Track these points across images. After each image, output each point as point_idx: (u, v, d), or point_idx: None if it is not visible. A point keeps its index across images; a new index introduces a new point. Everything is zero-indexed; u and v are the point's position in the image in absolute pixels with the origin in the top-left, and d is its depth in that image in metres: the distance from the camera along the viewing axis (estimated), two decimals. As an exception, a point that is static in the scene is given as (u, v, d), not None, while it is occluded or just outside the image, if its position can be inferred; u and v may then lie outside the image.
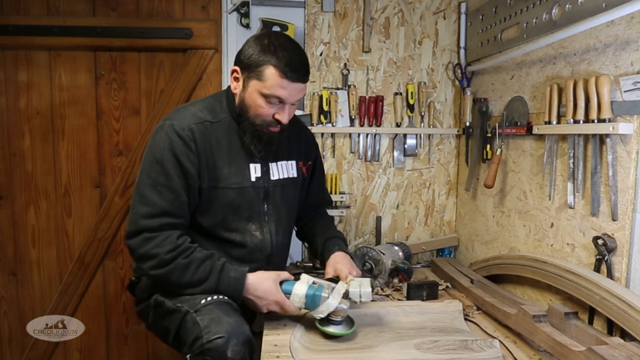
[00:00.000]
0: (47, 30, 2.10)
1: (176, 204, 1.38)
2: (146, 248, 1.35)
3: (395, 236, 2.34)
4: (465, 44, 2.21)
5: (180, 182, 1.38)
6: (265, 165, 1.53)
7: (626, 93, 1.30)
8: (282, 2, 2.17)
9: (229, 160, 1.46)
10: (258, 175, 1.50)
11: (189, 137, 1.39)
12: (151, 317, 1.49)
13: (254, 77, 1.38)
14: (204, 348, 1.23)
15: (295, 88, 1.39)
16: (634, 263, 1.31)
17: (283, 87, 1.36)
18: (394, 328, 1.46)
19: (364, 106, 2.22)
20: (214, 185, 1.44)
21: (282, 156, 1.58)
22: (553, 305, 1.38)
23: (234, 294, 1.36)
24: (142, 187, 1.38)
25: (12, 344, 2.26)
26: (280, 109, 1.41)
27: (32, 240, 2.23)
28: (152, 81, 2.22)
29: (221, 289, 1.35)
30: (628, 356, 1.09)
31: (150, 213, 1.36)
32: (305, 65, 1.42)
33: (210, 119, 1.46)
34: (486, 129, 2.00)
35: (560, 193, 1.58)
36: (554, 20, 1.57)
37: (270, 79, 1.35)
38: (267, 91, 1.37)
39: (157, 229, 1.36)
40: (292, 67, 1.36)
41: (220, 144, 1.45)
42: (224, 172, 1.45)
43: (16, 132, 2.17)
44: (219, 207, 1.46)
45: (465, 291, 1.79)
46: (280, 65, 1.34)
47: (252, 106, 1.41)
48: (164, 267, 1.34)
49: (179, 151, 1.38)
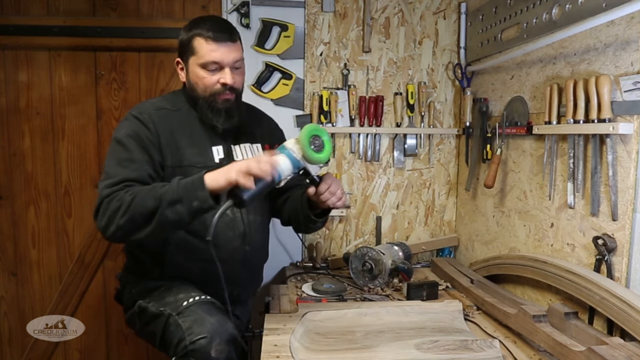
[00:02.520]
0: (47, 30, 2.10)
1: (139, 172, 1.37)
2: (110, 207, 1.27)
3: (395, 236, 2.34)
4: (465, 44, 2.21)
5: (141, 155, 1.39)
6: (227, 148, 1.55)
7: (626, 93, 1.30)
8: (282, 2, 2.17)
9: (192, 143, 1.49)
10: (221, 156, 1.52)
11: (147, 119, 1.44)
12: (138, 324, 1.50)
13: (190, 55, 1.48)
14: (188, 350, 1.23)
15: (226, 49, 1.45)
16: (634, 263, 1.31)
17: (213, 50, 1.44)
18: (394, 328, 1.46)
19: (364, 106, 2.22)
20: (178, 164, 1.45)
21: (245, 139, 1.61)
22: (553, 305, 1.38)
23: (196, 181, 1.23)
24: (107, 168, 1.39)
25: (12, 344, 2.26)
26: (222, 73, 1.47)
27: (32, 240, 2.23)
28: (152, 81, 2.22)
29: (182, 187, 1.24)
30: (628, 356, 1.09)
31: (112, 183, 1.32)
32: (228, 26, 1.52)
33: (170, 108, 1.52)
34: (486, 129, 2.00)
35: (560, 193, 1.58)
36: (554, 20, 1.57)
37: (201, 47, 1.45)
38: (202, 60, 1.45)
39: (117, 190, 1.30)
40: (216, 30, 1.45)
41: (182, 128, 1.50)
42: (187, 152, 1.48)
43: (16, 132, 2.17)
44: None
45: (465, 291, 1.79)
46: (204, 32, 1.45)
47: (197, 82, 1.48)
48: (128, 208, 1.25)
49: (139, 130, 1.42)
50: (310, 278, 2.02)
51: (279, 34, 2.17)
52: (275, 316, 1.48)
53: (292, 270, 2.13)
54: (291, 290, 1.84)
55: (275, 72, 2.18)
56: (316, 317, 1.47)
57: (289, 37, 2.18)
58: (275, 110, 2.16)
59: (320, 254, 2.22)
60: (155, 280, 1.52)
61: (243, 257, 1.55)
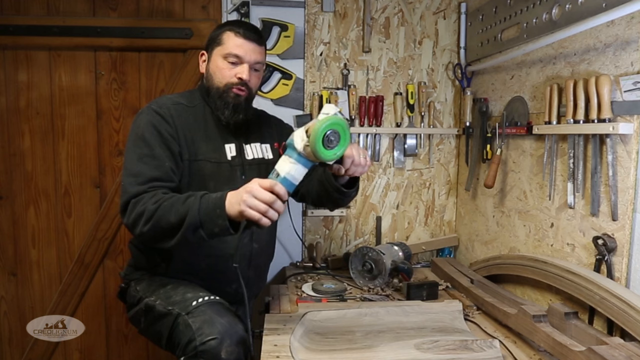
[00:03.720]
0: (47, 30, 2.09)
1: (162, 170, 1.41)
2: (135, 211, 1.32)
3: (395, 236, 2.34)
4: (465, 44, 2.21)
5: (162, 151, 1.42)
6: (240, 146, 1.59)
7: (626, 93, 1.30)
8: (282, 2, 2.17)
9: (206, 138, 1.54)
10: (233, 154, 1.57)
11: (166, 113, 1.48)
12: (143, 322, 1.49)
13: (216, 46, 1.54)
14: (198, 350, 1.23)
15: (251, 47, 1.52)
16: (634, 263, 1.31)
17: (239, 45, 1.51)
18: (394, 328, 1.46)
19: (364, 106, 2.22)
20: (194, 158, 1.50)
21: (255, 139, 1.65)
22: (553, 305, 1.38)
23: (218, 208, 1.25)
24: (129, 164, 1.42)
25: (12, 344, 2.26)
26: (241, 68, 1.52)
27: (32, 240, 2.23)
28: (152, 81, 2.22)
29: (203, 212, 1.25)
30: (628, 356, 1.09)
31: (137, 182, 1.38)
32: (259, 32, 1.60)
33: (186, 104, 1.56)
34: (486, 129, 2.00)
35: (560, 193, 1.58)
36: (554, 20, 1.57)
37: (228, 40, 1.52)
38: (226, 51, 1.51)
39: (144, 192, 1.36)
40: (246, 29, 1.54)
41: (197, 124, 1.54)
42: (202, 146, 1.52)
43: (16, 132, 2.17)
44: (198, 180, 1.49)
45: (465, 291, 1.79)
46: (235, 28, 1.53)
47: (215, 72, 1.54)
48: (152, 218, 1.29)
49: (158, 124, 1.45)
50: (310, 278, 2.02)
51: (279, 34, 2.17)
52: (275, 316, 1.48)
53: (292, 270, 2.12)
54: (291, 290, 1.84)
55: (275, 72, 2.18)
56: (316, 317, 1.47)
57: (289, 37, 2.18)
58: (275, 110, 2.15)
59: (320, 254, 2.22)
60: (161, 276, 1.52)
61: (250, 255, 1.55)
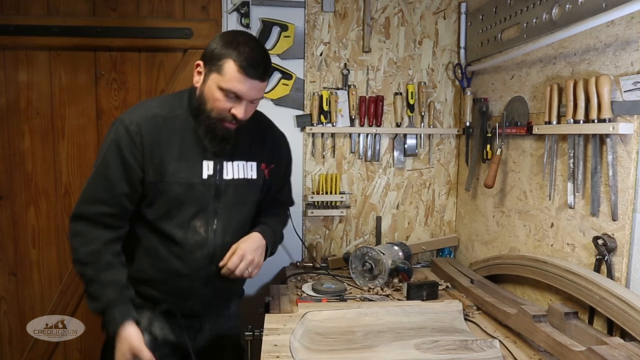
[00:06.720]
0: (47, 30, 2.10)
1: (112, 194, 1.41)
2: (75, 240, 1.42)
3: (395, 236, 2.34)
4: (465, 44, 2.21)
5: (119, 174, 1.41)
6: (219, 164, 1.49)
7: (626, 93, 1.30)
8: (282, 2, 2.17)
9: (180, 156, 1.45)
10: (210, 173, 1.48)
11: (134, 131, 1.41)
12: None
13: (214, 71, 1.39)
14: None
15: (253, 85, 1.38)
16: (634, 263, 1.31)
17: (241, 82, 1.36)
18: (394, 328, 1.46)
19: (364, 106, 2.22)
20: (160, 179, 1.44)
21: (241, 156, 1.54)
22: (553, 305, 1.38)
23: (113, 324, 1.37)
24: (90, 177, 1.45)
25: (12, 344, 2.26)
26: (237, 104, 1.40)
27: (32, 240, 2.23)
28: (152, 81, 2.22)
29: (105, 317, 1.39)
30: (628, 356, 1.10)
31: (86, 199, 1.43)
32: (265, 64, 1.42)
33: (165, 114, 1.46)
34: (486, 129, 2.00)
35: (560, 193, 1.58)
36: (554, 20, 1.57)
37: (229, 73, 1.36)
38: (225, 85, 1.37)
39: (92, 217, 1.41)
40: (252, 64, 1.36)
41: (172, 139, 1.45)
42: (172, 166, 1.44)
43: (16, 132, 2.17)
44: (164, 201, 1.46)
45: (465, 291, 1.79)
46: (240, 60, 1.35)
47: (209, 99, 1.41)
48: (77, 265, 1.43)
49: (123, 144, 1.41)
50: (310, 278, 2.02)
51: (279, 34, 2.17)
52: (275, 316, 1.48)
53: (292, 270, 2.13)
54: (291, 290, 1.84)
55: (275, 72, 2.18)
56: (316, 317, 1.47)
57: (289, 37, 2.18)
58: (275, 110, 2.16)
59: (320, 254, 2.22)
60: None
61: (206, 275, 1.50)
